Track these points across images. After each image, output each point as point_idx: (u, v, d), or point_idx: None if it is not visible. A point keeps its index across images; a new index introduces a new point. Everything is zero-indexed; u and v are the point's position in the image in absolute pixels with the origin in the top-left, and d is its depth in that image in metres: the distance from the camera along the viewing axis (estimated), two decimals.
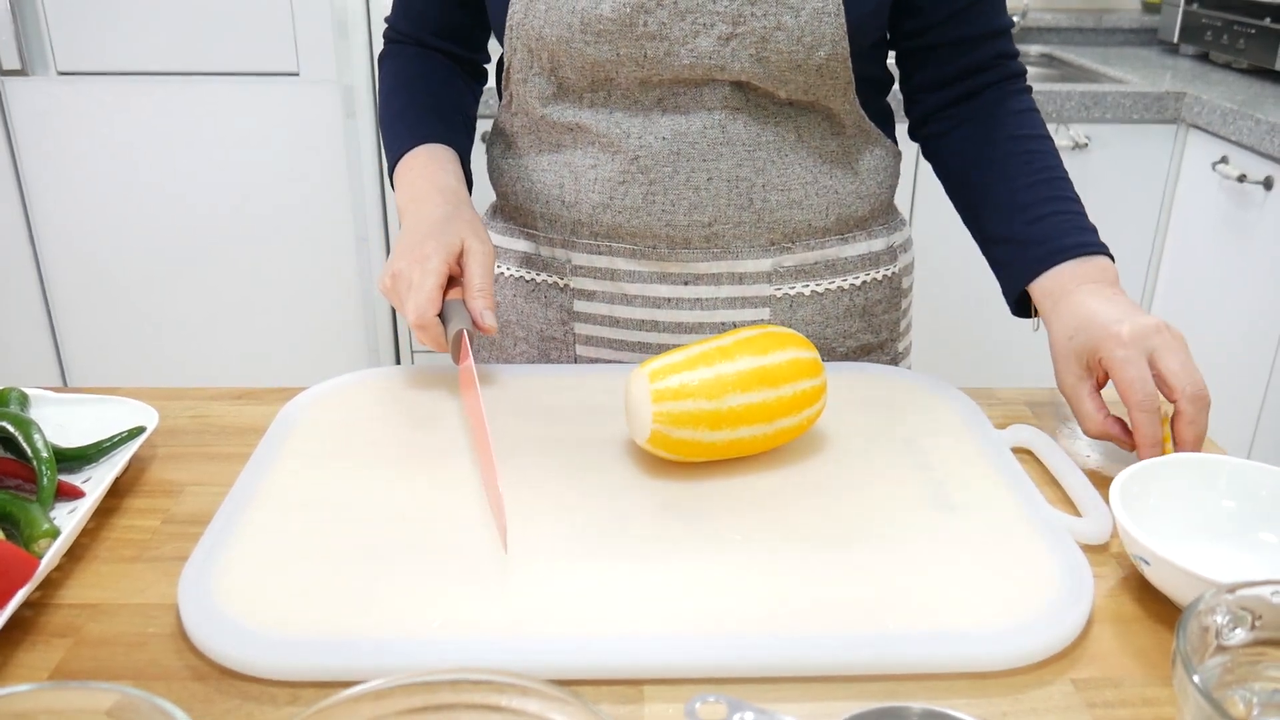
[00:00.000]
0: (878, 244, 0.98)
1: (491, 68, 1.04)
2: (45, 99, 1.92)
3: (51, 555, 0.63)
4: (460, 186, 0.92)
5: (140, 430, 0.78)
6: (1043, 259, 0.86)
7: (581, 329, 0.97)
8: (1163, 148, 2.04)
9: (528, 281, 0.98)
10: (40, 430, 0.74)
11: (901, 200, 2.04)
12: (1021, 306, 0.91)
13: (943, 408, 0.85)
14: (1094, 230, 0.87)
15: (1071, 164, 2.02)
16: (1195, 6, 2.34)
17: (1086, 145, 2.02)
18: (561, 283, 0.97)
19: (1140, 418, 0.75)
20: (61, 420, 0.80)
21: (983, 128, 0.93)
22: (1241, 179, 1.82)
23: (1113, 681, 0.58)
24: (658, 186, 0.89)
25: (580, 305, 0.96)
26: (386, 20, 1.04)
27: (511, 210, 0.99)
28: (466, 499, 0.72)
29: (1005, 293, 0.91)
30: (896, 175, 0.99)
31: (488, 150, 1.02)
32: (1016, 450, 0.81)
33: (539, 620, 0.60)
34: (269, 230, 2.03)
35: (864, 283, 0.97)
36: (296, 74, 1.91)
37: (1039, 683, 0.58)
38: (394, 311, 2.16)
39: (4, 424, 0.75)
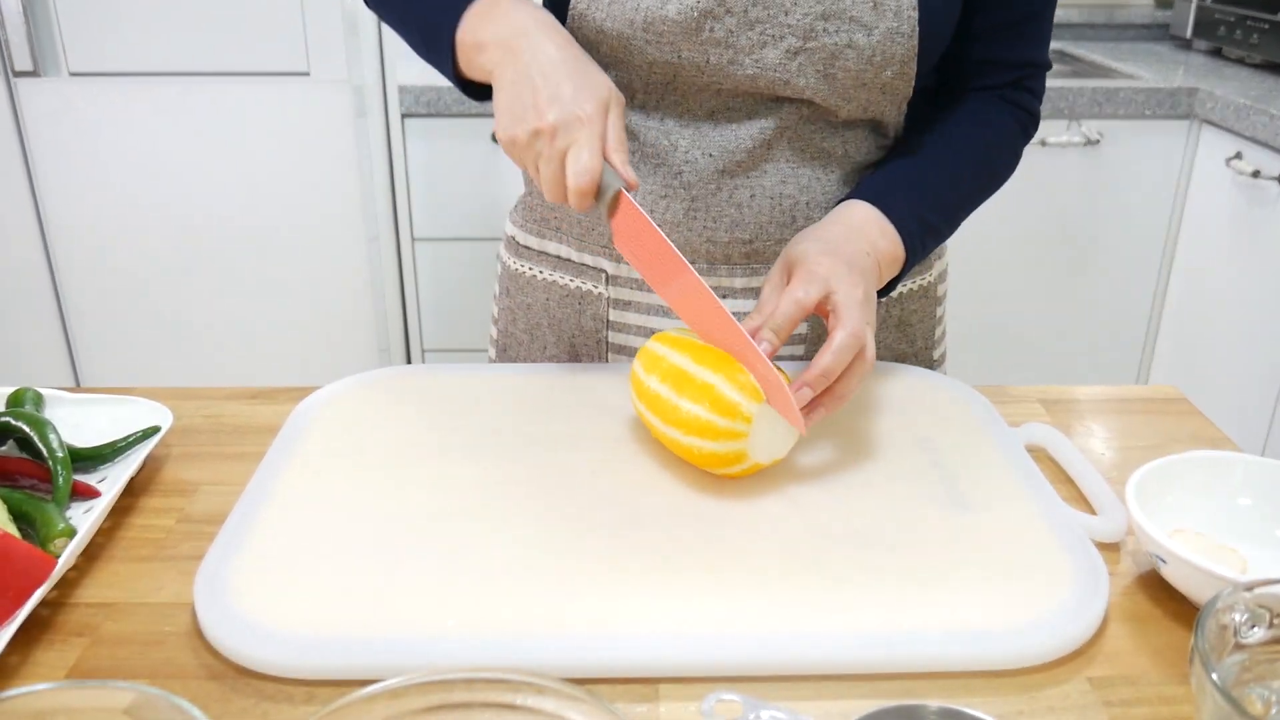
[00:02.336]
0: None
1: None
2: (57, 100, 1.93)
3: (68, 555, 0.63)
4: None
5: (155, 430, 0.78)
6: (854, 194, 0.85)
7: (615, 338, 0.96)
8: (1176, 144, 2.03)
9: (561, 286, 0.97)
10: (55, 430, 0.74)
11: None
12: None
13: (957, 406, 0.85)
14: (912, 205, 0.85)
15: (1084, 161, 2.02)
16: (1208, 1, 2.33)
17: (1099, 141, 2.01)
18: (597, 291, 0.95)
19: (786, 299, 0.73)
20: (76, 420, 0.80)
21: (949, 110, 0.92)
22: (1255, 175, 1.81)
23: (1129, 680, 0.58)
24: (700, 203, 0.88)
25: (616, 314, 0.95)
26: None
27: (546, 212, 0.97)
28: (481, 497, 0.72)
29: None
30: None
31: None
32: (1031, 448, 0.81)
33: (554, 619, 0.60)
34: (280, 230, 2.03)
35: (901, 294, 0.96)
36: (307, 74, 1.92)
37: (1055, 681, 0.58)
38: (405, 311, 2.16)
39: (19, 424, 0.75)
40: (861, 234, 0.81)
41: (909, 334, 0.98)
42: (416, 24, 0.86)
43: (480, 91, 0.83)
